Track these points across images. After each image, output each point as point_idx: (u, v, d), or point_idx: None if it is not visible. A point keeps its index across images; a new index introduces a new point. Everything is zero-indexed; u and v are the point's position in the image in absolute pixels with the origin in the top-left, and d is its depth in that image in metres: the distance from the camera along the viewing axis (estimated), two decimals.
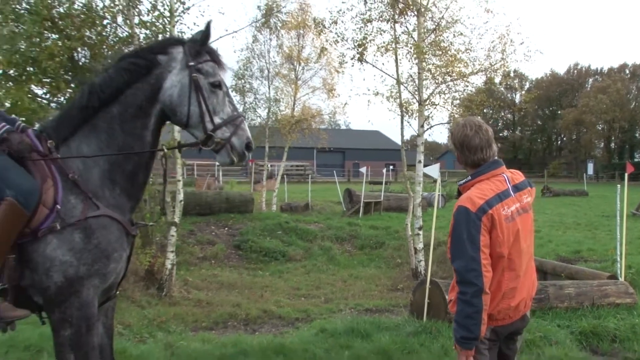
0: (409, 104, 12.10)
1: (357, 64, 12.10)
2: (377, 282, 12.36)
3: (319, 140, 24.43)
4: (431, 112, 11.88)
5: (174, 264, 10.12)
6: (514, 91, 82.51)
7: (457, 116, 12.32)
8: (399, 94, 12.09)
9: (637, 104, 72.18)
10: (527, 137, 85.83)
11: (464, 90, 12.26)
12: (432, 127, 12.09)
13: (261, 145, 23.04)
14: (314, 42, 21.63)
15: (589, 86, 77.62)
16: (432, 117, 11.94)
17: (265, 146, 23.32)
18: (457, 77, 11.75)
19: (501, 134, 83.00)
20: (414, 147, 12.50)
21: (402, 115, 12.19)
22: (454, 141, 3.23)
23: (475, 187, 3.09)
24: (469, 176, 3.18)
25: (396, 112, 12.35)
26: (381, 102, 12.53)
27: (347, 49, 12.16)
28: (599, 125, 69.94)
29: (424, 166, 10.78)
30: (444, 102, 12.10)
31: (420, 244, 11.65)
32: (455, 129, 3.25)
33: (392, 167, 47.32)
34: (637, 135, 74.47)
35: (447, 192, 25.68)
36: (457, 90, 12.12)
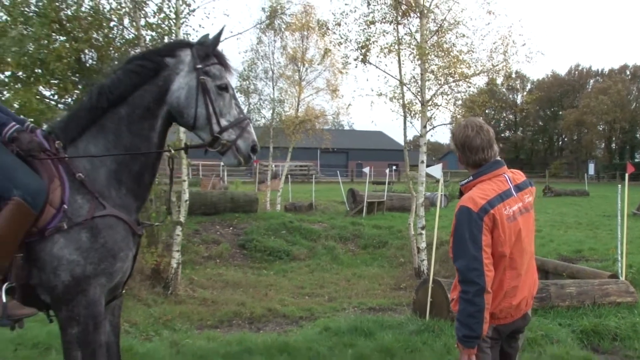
0: (412, 104, 12.08)
1: (361, 65, 12.11)
2: (380, 281, 12.34)
3: (322, 140, 24.41)
4: (434, 113, 11.88)
5: (179, 263, 10.13)
6: (516, 92, 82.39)
7: (459, 117, 12.30)
8: (402, 95, 12.08)
9: (637, 104, 72.02)
10: (528, 138, 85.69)
11: (466, 91, 12.25)
12: (434, 127, 12.08)
13: (265, 145, 23.05)
14: (318, 43, 21.67)
15: (590, 87, 77.49)
16: (434, 118, 11.93)
17: (269, 146, 23.34)
18: (459, 78, 11.74)
19: (503, 135, 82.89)
20: (416, 147, 12.49)
21: (405, 116, 12.17)
22: (455, 142, 3.22)
23: (477, 187, 3.08)
24: (471, 176, 3.17)
25: (399, 113, 12.33)
26: (384, 102, 12.53)
27: (351, 51, 12.17)
28: (600, 125, 69.80)
29: (427, 166, 10.75)
30: (446, 103, 12.10)
31: (423, 244, 11.63)
32: (456, 130, 3.24)
33: (395, 168, 47.31)
34: (637, 135, 74.31)
35: (449, 192, 25.65)
36: (459, 91, 12.11)
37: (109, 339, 3.47)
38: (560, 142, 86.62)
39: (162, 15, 9.92)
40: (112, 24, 9.80)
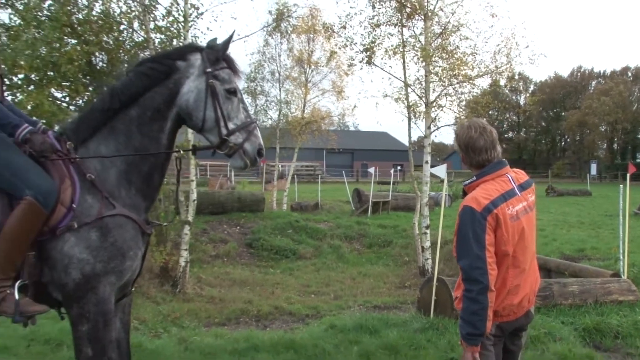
0: (416, 106, 12.08)
1: (366, 67, 12.12)
2: (385, 280, 12.33)
3: (328, 141, 24.42)
4: (438, 114, 11.86)
5: (187, 261, 10.14)
6: (519, 93, 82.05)
7: (463, 118, 12.28)
8: (407, 96, 12.07)
9: (639, 106, 71.65)
10: (531, 139, 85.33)
11: (469, 92, 12.23)
12: (438, 128, 12.07)
13: (272, 146, 23.07)
14: (324, 45, 21.66)
15: (592, 88, 77.12)
16: (438, 119, 11.91)
17: (276, 147, 23.35)
18: (463, 80, 11.72)
19: (506, 135, 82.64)
20: (421, 148, 12.46)
21: (409, 117, 12.16)
22: (458, 143, 3.22)
23: (480, 187, 3.08)
24: (474, 177, 3.17)
25: (404, 114, 12.33)
26: (389, 103, 12.55)
27: (356, 53, 12.18)
28: (602, 126, 69.49)
29: (431, 166, 10.74)
30: (450, 104, 12.09)
31: (427, 243, 11.62)
32: (459, 131, 3.23)
33: (399, 168, 47.19)
34: (639, 136, 73.90)
35: (453, 192, 25.60)
36: (463, 92, 12.10)
37: (119, 335, 3.50)
38: (562, 143, 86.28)
39: (171, 18, 9.94)
40: (122, 27, 9.82)
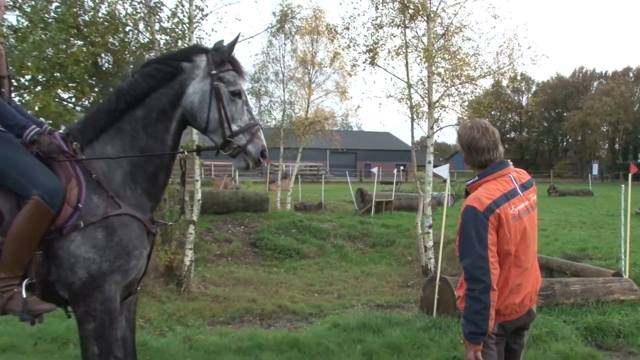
0: (419, 106, 12.07)
1: (369, 67, 12.11)
2: (388, 279, 12.33)
3: (332, 141, 24.44)
4: (440, 115, 11.86)
5: (192, 260, 10.15)
6: (521, 94, 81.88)
7: (465, 118, 12.27)
8: (410, 97, 12.07)
9: None
10: (533, 139, 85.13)
11: (472, 93, 12.22)
12: (441, 128, 12.07)
13: (276, 146, 23.10)
14: (328, 47, 21.64)
15: (594, 89, 76.92)
16: (441, 119, 11.92)
17: (280, 147, 23.37)
18: (465, 80, 11.71)
19: (508, 136, 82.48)
20: (424, 148, 12.47)
21: (412, 117, 12.16)
22: (461, 143, 3.21)
23: (482, 187, 3.07)
24: (476, 176, 3.16)
25: (407, 115, 12.33)
26: (392, 104, 12.53)
27: (359, 54, 12.18)
28: (604, 127, 69.35)
29: (434, 166, 10.74)
30: (452, 105, 12.08)
31: (430, 242, 11.61)
32: (462, 131, 3.22)
33: (402, 168, 47.21)
34: None
35: (456, 192, 25.56)
36: (465, 93, 12.09)
37: (124, 333, 3.50)
38: (564, 143, 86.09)
39: (176, 19, 9.97)
40: (127, 29, 9.86)
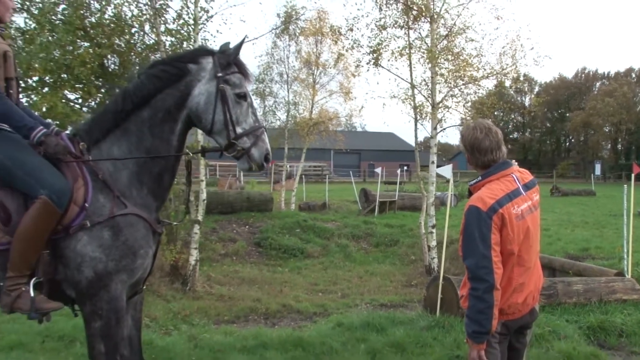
0: (423, 107, 12.05)
1: (373, 68, 12.10)
2: (392, 278, 12.31)
3: (335, 141, 24.42)
4: (444, 115, 11.83)
5: (197, 260, 10.16)
6: (524, 94, 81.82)
7: (468, 119, 12.25)
8: (413, 97, 12.06)
9: None
10: (536, 139, 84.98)
11: (475, 93, 12.20)
12: (444, 129, 12.05)
13: (280, 146, 23.12)
14: (332, 48, 21.64)
15: (596, 90, 76.82)
16: (444, 120, 11.90)
17: (284, 147, 23.37)
18: (468, 81, 11.69)
19: (511, 136, 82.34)
20: (427, 148, 12.43)
21: (415, 117, 12.14)
22: (464, 143, 3.21)
23: (485, 187, 3.07)
24: (479, 177, 3.16)
25: (410, 115, 12.31)
26: (396, 104, 12.52)
27: (363, 55, 12.17)
28: (606, 127, 69.24)
29: (437, 167, 10.71)
30: (456, 105, 12.05)
31: (433, 242, 11.60)
32: (465, 132, 3.21)
33: (406, 168, 47.12)
34: None
35: (459, 192, 25.52)
36: (468, 93, 12.06)
37: (131, 332, 3.51)
38: (567, 143, 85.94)
39: (181, 21, 9.97)
40: (133, 30, 9.87)
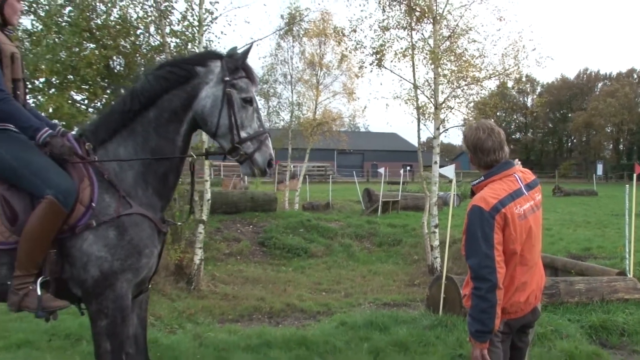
0: (426, 107, 12.06)
1: (376, 69, 12.11)
2: (395, 278, 12.31)
3: (339, 142, 24.42)
4: (446, 115, 11.84)
5: (202, 259, 10.17)
6: (526, 95, 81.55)
7: (471, 119, 12.24)
8: (416, 98, 12.06)
9: None
10: (538, 139, 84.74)
11: (477, 94, 12.20)
12: (447, 129, 12.05)
13: (284, 147, 23.13)
14: (335, 49, 21.62)
15: (598, 90, 76.54)
16: (447, 120, 11.90)
17: (288, 148, 23.39)
18: (471, 82, 11.69)
19: (514, 136, 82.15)
20: (430, 148, 12.43)
21: (418, 118, 12.15)
22: (467, 144, 3.20)
23: (488, 187, 3.06)
24: (482, 177, 3.15)
25: (413, 116, 12.33)
26: (399, 105, 12.51)
27: (366, 56, 12.18)
28: (608, 127, 68.98)
29: (440, 167, 10.72)
30: (458, 106, 12.06)
31: (436, 242, 11.59)
32: (468, 132, 3.21)
33: (409, 168, 47.04)
34: None
35: (461, 192, 25.47)
36: (471, 94, 12.06)
37: (136, 331, 3.52)
38: (569, 144, 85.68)
39: (186, 23, 10.00)
40: (138, 32, 9.89)
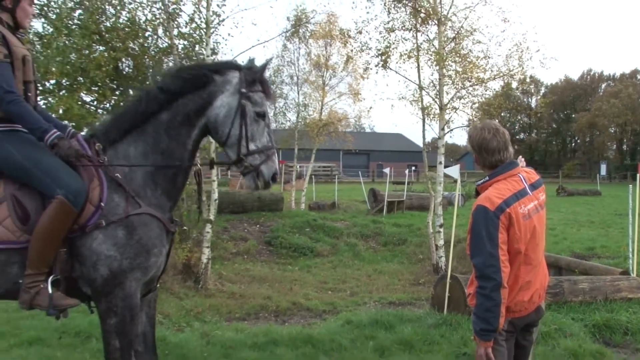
0: (431, 108, 12.04)
1: (381, 70, 12.10)
2: (400, 277, 12.30)
3: (345, 142, 24.42)
4: (451, 116, 11.84)
5: (209, 258, 10.19)
6: (530, 96, 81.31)
7: (476, 120, 12.22)
8: (421, 99, 12.04)
9: None
10: (542, 140, 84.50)
11: (482, 94, 12.17)
12: (452, 130, 12.07)
13: (291, 147, 23.17)
14: (341, 50, 21.63)
15: (602, 91, 76.24)
16: (452, 121, 11.91)
17: (294, 148, 23.41)
18: (475, 83, 11.66)
19: (518, 137, 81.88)
20: (435, 149, 12.40)
21: (423, 118, 12.13)
22: (472, 144, 3.19)
23: (492, 187, 3.06)
24: (487, 177, 3.15)
25: (418, 116, 12.30)
26: (405, 106, 12.53)
27: (372, 57, 12.17)
28: (612, 128, 68.75)
29: (445, 167, 10.69)
30: (463, 106, 12.04)
31: (441, 241, 11.57)
32: (473, 133, 3.20)
33: (414, 168, 47.01)
34: None
35: (466, 192, 25.41)
36: (475, 95, 12.04)
37: (145, 329, 3.53)
38: (573, 144, 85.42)
39: (193, 25, 10.04)
40: (147, 34, 9.92)
